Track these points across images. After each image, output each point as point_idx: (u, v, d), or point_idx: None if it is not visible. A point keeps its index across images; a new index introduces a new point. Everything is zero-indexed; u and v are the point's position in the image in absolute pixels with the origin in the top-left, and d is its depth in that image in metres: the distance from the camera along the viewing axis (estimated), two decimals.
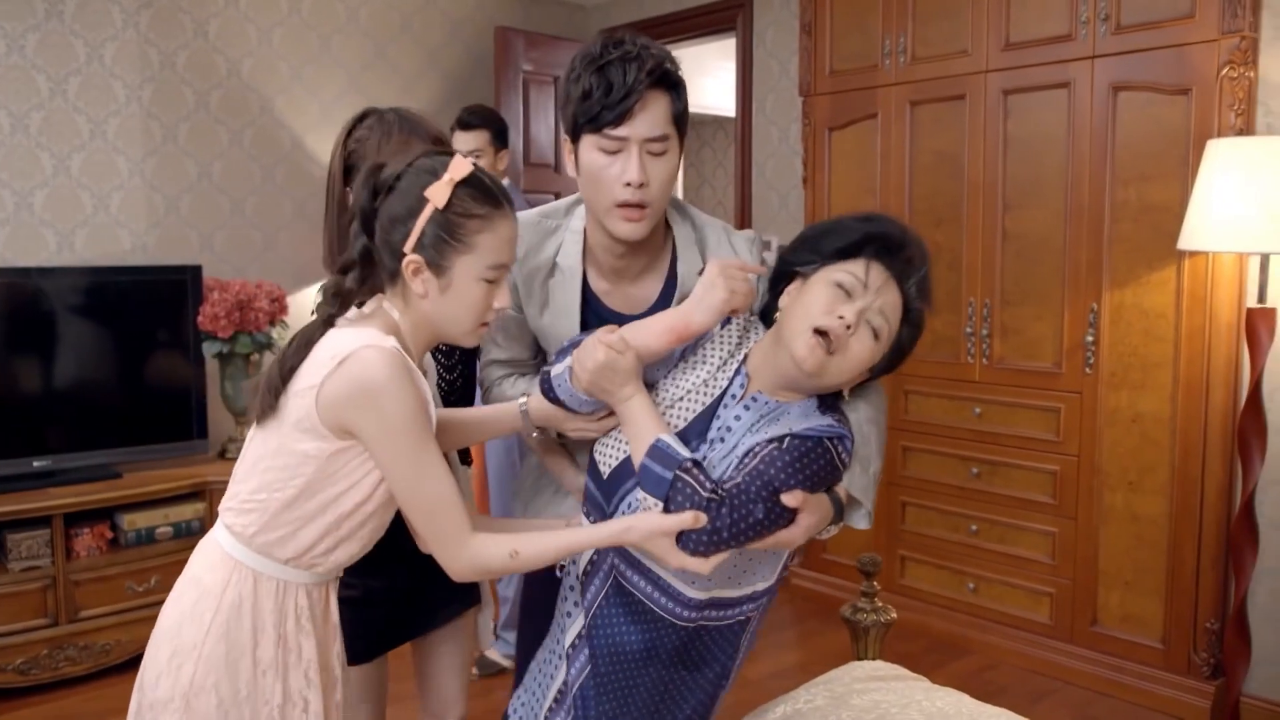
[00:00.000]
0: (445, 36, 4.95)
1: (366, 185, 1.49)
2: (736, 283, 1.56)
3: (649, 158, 1.63)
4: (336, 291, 1.50)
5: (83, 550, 3.51)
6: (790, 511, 1.45)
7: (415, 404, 1.42)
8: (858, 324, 1.48)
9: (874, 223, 1.58)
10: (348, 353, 1.41)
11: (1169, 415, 3.18)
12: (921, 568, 3.90)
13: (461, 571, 1.48)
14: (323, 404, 1.42)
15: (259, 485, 1.49)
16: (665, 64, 1.62)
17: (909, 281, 1.54)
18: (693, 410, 1.59)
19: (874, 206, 3.94)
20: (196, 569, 1.54)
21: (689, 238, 1.80)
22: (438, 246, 1.45)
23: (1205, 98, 3.04)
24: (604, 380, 1.53)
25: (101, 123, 3.95)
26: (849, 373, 1.51)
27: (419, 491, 1.44)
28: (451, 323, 1.51)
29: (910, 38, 3.77)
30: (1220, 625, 3.14)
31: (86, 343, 3.72)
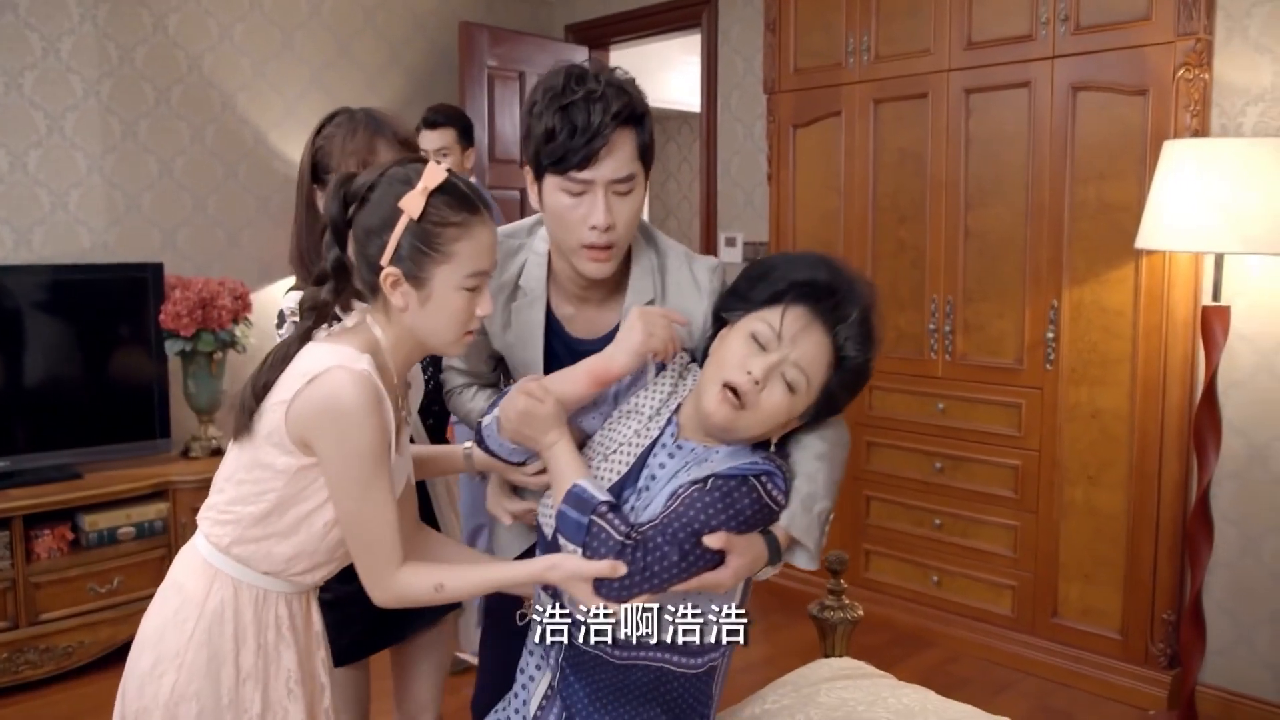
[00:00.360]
0: (409, 32, 4.92)
1: (337, 196, 1.46)
2: (655, 326, 1.55)
3: (615, 198, 1.60)
4: (313, 305, 1.47)
5: (43, 552, 3.46)
6: (715, 554, 1.42)
7: (375, 433, 1.41)
8: (767, 379, 1.46)
9: (803, 268, 1.54)
10: (319, 371, 1.40)
11: (1127, 411, 3.24)
12: (886, 561, 3.95)
13: (384, 601, 1.49)
14: (291, 420, 1.42)
15: (234, 498, 1.49)
16: (633, 103, 1.58)
17: (838, 328, 1.50)
18: (626, 462, 1.57)
19: (837, 204, 3.97)
20: (178, 575, 1.53)
21: (648, 265, 1.76)
22: (415, 258, 1.42)
23: (1162, 98, 3.09)
24: (526, 428, 1.53)
25: (59, 118, 3.89)
26: (761, 426, 1.49)
27: (360, 520, 1.44)
28: (434, 334, 1.49)
29: (873, 36, 3.80)
30: (1176, 616, 3.20)
31: (46, 342, 3.67)
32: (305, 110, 4.53)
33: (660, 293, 1.75)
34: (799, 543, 1.54)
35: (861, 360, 1.52)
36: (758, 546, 1.48)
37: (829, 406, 1.55)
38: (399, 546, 1.46)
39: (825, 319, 1.50)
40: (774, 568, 1.53)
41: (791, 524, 1.52)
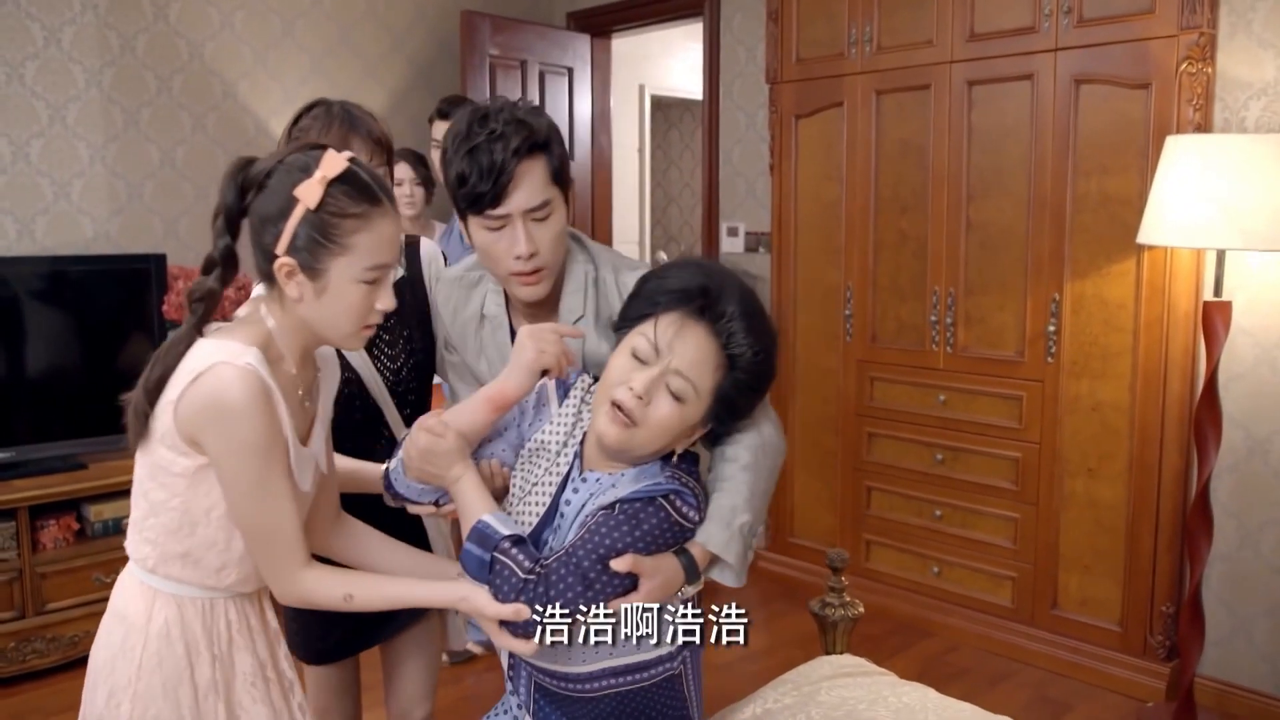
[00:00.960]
0: (410, 20, 4.90)
1: (233, 181, 1.43)
2: (545, 343, 1.54)
3: (534, 224, 1.64)
4: (201, 295, 1.43)
5: (49, 542, 3.48)
6: (625, 579, 1.40)
7: (264, 428, 1.37)
8: (651, 392, 1.43)
9: (674, 276, 1.52)
10: (205, 367, 1.36)
11: (1128, 404, 3.25)
12: (886, 552, 3.97)
13: (288, 601, 1.47)
14: (179, 419, 1.38)
15: (146, 511, 1.46)
16: (534, 134, 1.61)
17: (718, 325, 1.47)
18: (543, 503, 1.54)
19: (839, 195, 3.97)
20: (119, 605, 1.50)
21: (580, 281, 1.78)
22: (311, 249, 1.39)
23: (1165, 92, 3.08)
24: (430, 465, 1.50)
25: (61, 108, 3.89)
26: (657, 441, 1.46)
27: (254, 517, 1.41)
28: (330, 327, 1.45)
29: (876, 27, 3.79)
30: (1175, 609, 3.22)
31: (49, 333, 3.68)
32: (306, 98, 4.43)
33: (594, 306, 1.77)
34: (721, 559, 1.51)
35: (753, 354, 1.48)
36: (669, 567, 1.45)
37: (730, 409, 1.51)
38: (300, 545, 1.44)
39: (702, 320, 1.47)
40: (695, 586, 1.50)
41: (709, 540, 1.49)
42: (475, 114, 1.63)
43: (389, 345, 1.96)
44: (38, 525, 3.46)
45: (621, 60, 5.71)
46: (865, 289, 3.92)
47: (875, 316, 3.91)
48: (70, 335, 3.71)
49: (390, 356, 1.96)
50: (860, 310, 3.94)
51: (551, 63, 5.12)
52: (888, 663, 3.48)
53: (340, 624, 1.95)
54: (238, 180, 1.43)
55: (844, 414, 4.02)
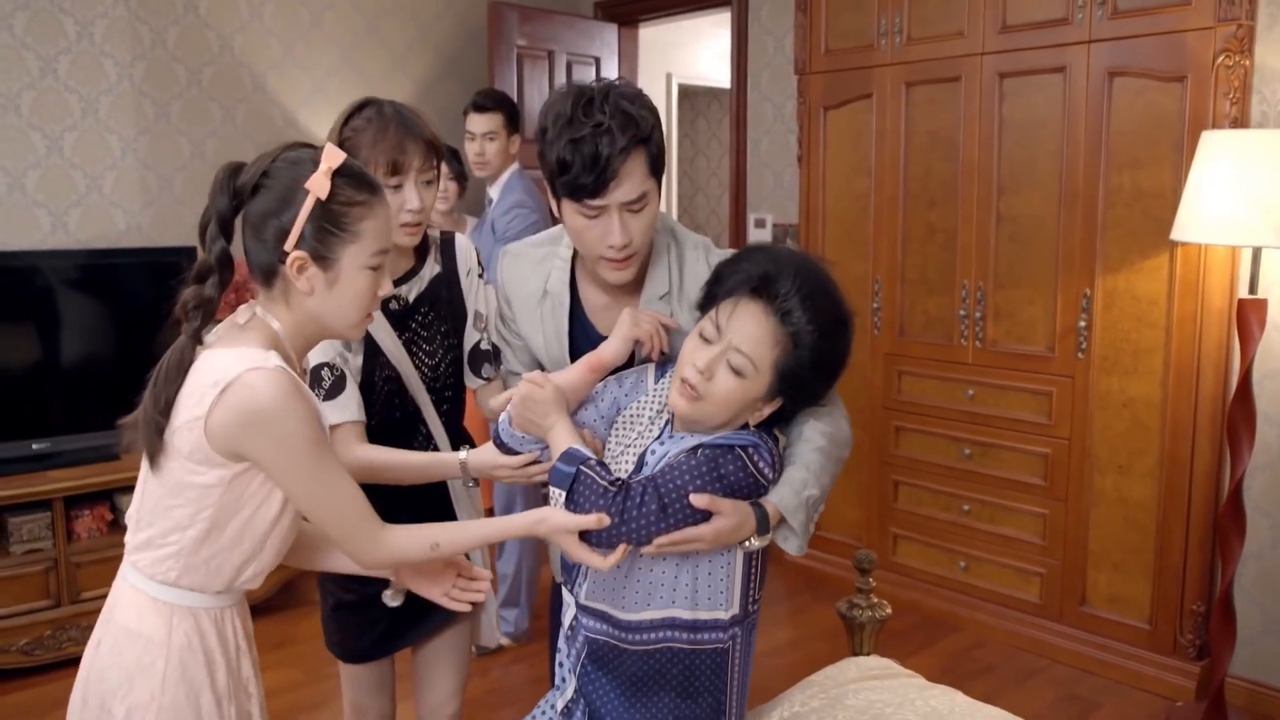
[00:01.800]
0: (438, 10, 4.90)
1: (225, 189, 1.43)
2: (641, 319, 1.71)
3: (629, 215, 1.67)
4: (198, 303, 1.42)
5: (83, 532, 3.54)
6: (699, 513, 1.50)
7: (307, 421, 1.39)
8: (712, 368, 1.54)
9: (738, 263, 1.63)
10: (231, 378, 1.35)
11: (1159, 400, 3.22)
12: (913, 546, 3.95)
13: (378, 564, 1.52)
14: (212, 434, 1.37)
15: (169, 527, 1.44)
16: (639, 128, 1.62)
17: (776, 304, 1.55)
18: (631, 461, 1.65)
19: (868, 187, 3.95)
20: (126, 620, 1.47)
21: (665, 258, 1.83)
22: (322, 239, 1.41)
23: (1200, 85, 3.04)
24: (529, 412, 1.62)
25: (93, 102, 3.92)
26: (723, 412, 1.57)
27: (324, 501, 1.43)
28: (339, 317, 1.48)
29: (906, 18, 3.75)
30: (1206, 607, 3.19)
31: (83, 325, 3.73)
32: (334, 89, 4.54)
33: (678, 285, 1.82)
34: (787, 524, 1.60)
35: (815, 330, 1.55)
36: (744, 513, 1.55)
37: (797, 387, 1.58)
38: (371, 509, 1.48)
39: (762, 300, 1.56)
40: (761, 540, 1.59)
41: (781, 503, 1.58)
42: (580, 97, 1.63)
43: (427, 342, 1.97)
44: (72, 515, 3.51)
45: (648, 49, 5.69)
46: (893, 282, 3.90)
47: (903, 310, 3.89)
48: (103, 327, 3.76)
49: (429, 353, 1.97)
50: (888, 303, 3.92)
51: (579, 52, 5.11)
52: (914, 658, 3.48)
53: (378, 624, 1.97)
54: (230, 186, 1.43)
55: (871, 407, 4.01)
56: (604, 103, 1.61)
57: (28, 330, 3.62)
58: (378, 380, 1.88)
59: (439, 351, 1.97)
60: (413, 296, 1.94)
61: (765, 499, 1.59)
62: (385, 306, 1.89)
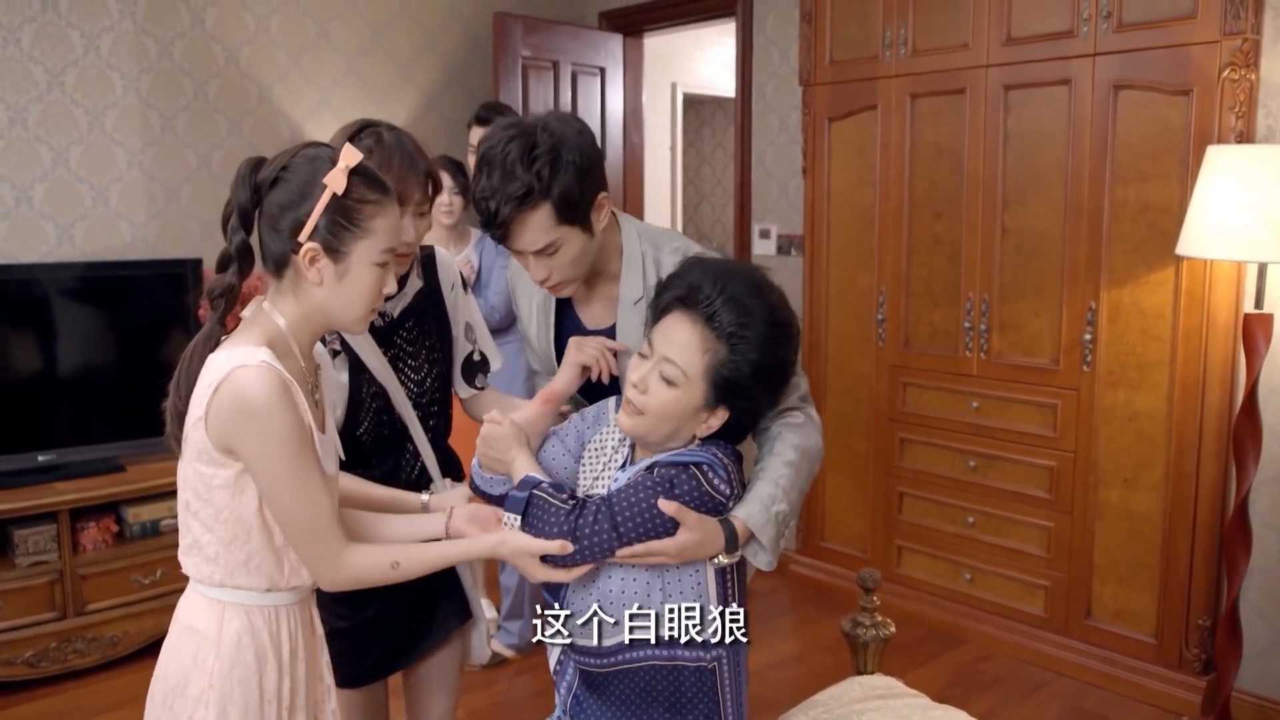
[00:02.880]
0: (443, 20, 4.91)
1: (247, 184, 1.49)
2: (588, 345, 1.80)
3: (545, 257, 1.74)
4: (221, 291, 1.50)
5: (89, 544, 3.54)
6: (653, 527, 1.52)
7: (290, 421, 1.43)
8: (645, 382, 1.58)
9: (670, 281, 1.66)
10: (222, 376, 1.42)
11: (1165, 414, 3.21)
12: (918, 558, 3.95)
13: (337, 585, 1.54)
14: (211, 431, 1.43)
15: (200, 531, 1.51)
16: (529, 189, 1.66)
17: (700, 310, 1.58)
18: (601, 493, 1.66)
19: (873, 198, 3.95)
20: (187, 619, 1.54)
21: (638, 261, 1.87)
22: (336, 233, 1.47)
23: (1206, 99, 3.03)
24: (490, 450, 1.67)
25: (99, 114, 3.93)
26: (667, 424, 1.60)
27: (293, 508, 1.47)
28: (345, 310, 1.53)
29: (911, 29, 3.76)
30: (1212, 622, 3.18)
31: (89, 337, 3.74)
32: (340, 100, 4.55)
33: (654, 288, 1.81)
34: (756, 539, 1.62)
35: (744, 333, 1.56)
36: (709, 528, 1.57)
37: (736, 392, 1.59)
38: (339, 528, 1.51)
39: (689, 308, 1.59)
40: (730, 556, 1.60)
41: (750, 518, 1.61)
42: (491, 149, 1.70)
43: (412, 357, 1.97)
44: (78, 527, 3.51)
45: (653, 58, 5.69)
46: (898, 293, 3.89)
47: (908, 321, 3.88)
48: (109, 339, 3.77)
49: (414, 368, 1.98)
50: (893, 315, 3.92)
51: (584, 63, 5.12)
52: (919, 671, 3.48)
53: (372, 648, 1.97)
54: (251, 179, 1.49)
55: (876, 418, 4.00)
56: (500, 162, 1.67)
57: (34, 342, 3.63)
58: (365, 396, 1.89)
59: (424, 367, 1.99)
60: (397, 312, 1.95)
61: (733, 515, 1.61)
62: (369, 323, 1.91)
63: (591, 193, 1.73)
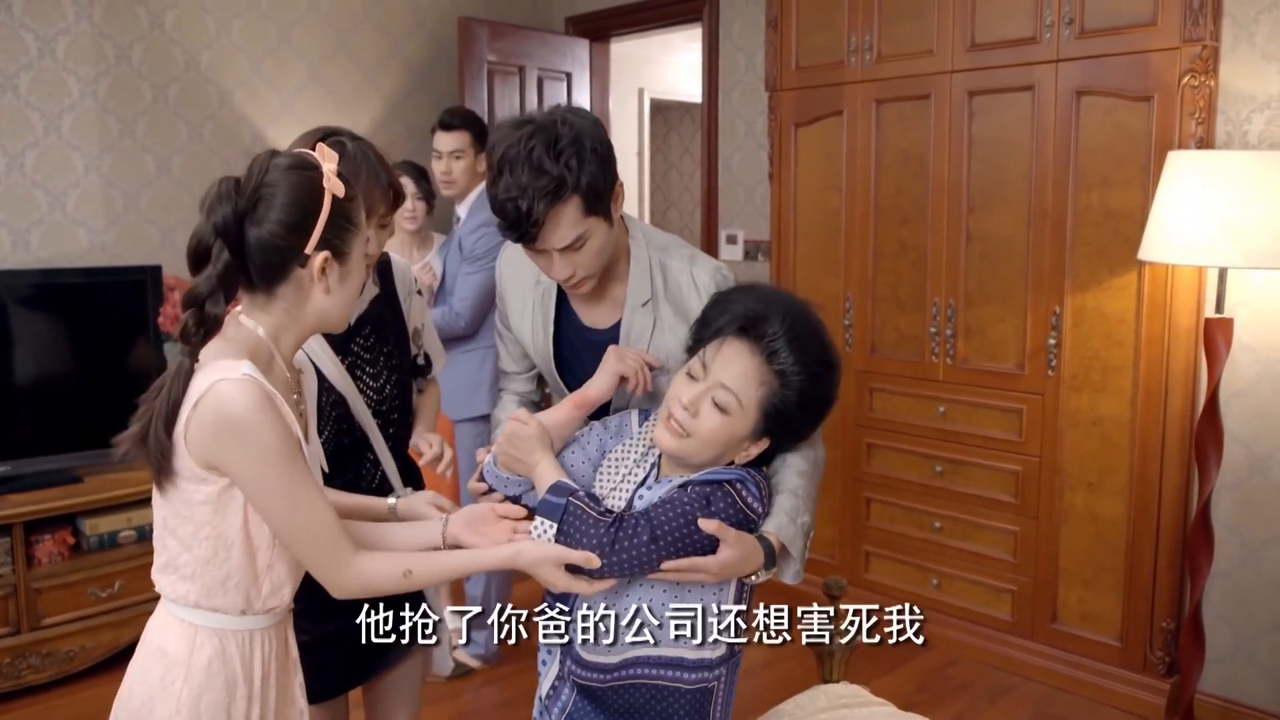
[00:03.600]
0: (408, 26, 4.88)
1: (228, 202, 1.39)
2: (627, 357, 1.76)
3: (570, 253, 1.71)
4: (200, 320, 1.38)
5: (44, 557, 3.47)
6: (692, 546, 1.50)
7: (277, 432, 1.39)
8: (698, 405, 1.57)
9: (728, 302, 1.67)
10: (203, 391, 1.37)
11: (1129, 419, 3.23)
12: (885, 563, 3.95)
13: (348, 591, 1.49)
14: (191, 447, 1.39)
15: (177, 549, 1.46)
16: (559, 183, 1.64)
17: (763, 344, 1.58)
18: (618, 503, 1.66)
19: (839, 204, 3.95)
20: (157, 640, 1.50)
21: (645, 263, 1.85)
22: (340, 235, 1.45)
23: (1167, 105, 3.06)
24: (513, 449, 1.64)
25: (55, 119, 3.86)
26: (709, 449, 1.59)
27: (292, 520, 1.43)
28: (342, 309, 1.51)
29: (876, 35, 3.76)
30: (1176, 625, 3.20)
31: (44, 345, 3.66)
32: (303, 106, 4.50)
33: (661, 291, 1.85)
34: (788, 552, 1.63)
35: (801, 371, 1.58)
36: (750, 545, 1.56)
37: (784, 426, 1.61)
38: (344, 534, 1.47)
39: (749, 339, 1.60)
40: (767, 573, 1.61)
41: (780, 531, 1.61)
42: (509, 150, 1.65)
43: (370, 364, 1.95)
44: (33, 540, 3.44)
45: (620, 63, 5.68)
46: (865, 299, 3.90)
47: (875, 327, 3.89)
48: (65, 348, 3.70)
49: (373, 375, 1.95)
50: (860, 320, 3.92)
51: (550, 68, 5.10)
52: (886, 678, 3.47)
53: (336, 662, 1.93)
54: (234, 199, 1.40)
55: (843, 424, 4.00)
56: (525, 160, 1.63)
57: None
58: (324, 404, 1.87)
59: (384, 373, 1.97)
60: (354, 319, 1.92)
61: (766, 530, 1.60)
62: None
63: (612, 181, 1.73)
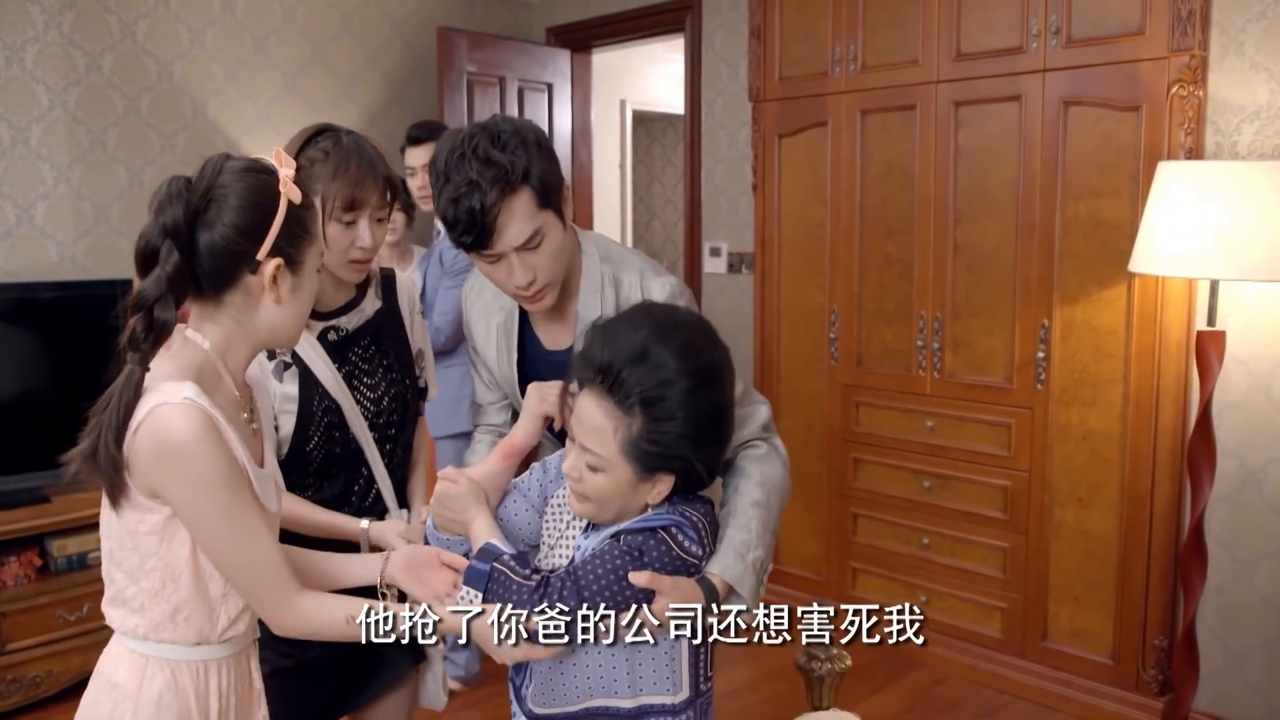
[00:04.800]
0: (386, 36, 4.81)
1: (179, 202, 1.33)
2: (547, 392, 1.65)
3: (527, 254, 1.64)
4: (149, 325, 1.30)
5: (10, 579, 3.36)
6: (624, 597, 1.41)
7: (219, 460, 1.32)
8: (578, 471, 1.48)
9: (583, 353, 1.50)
10: (141, 417, 1.30)
11: (1119, 432, 3.18)
12: (872, 579, 3.89)
13: (289, 630, 1.42)
14: (134, 474, 1.32)
15: (125, 582, 1.39)
16: (509, 172, 1.58)
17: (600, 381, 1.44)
18: (566, 555, 1.56)
19: (824, 216, 3.90)
20: (108, 671, 1.43)
21: (597, 281, 1.78)
22: (293, 243, 1.39)
23: (1155, 115, 3.02)
24: (446, 510, 1.55)
25: (24, 129, 3.77)
26: (615, 503, 1.48)
27: (231, 553, 1.36)
28: (294, 323, 1.45)
29: (860, 45, 3.72)
30: (1169, 642, 3.15)
31: (12, 360, 3.56)
32: (279, 117, 4.43)
33: (613, 307, 1.76)
34: (735, 593, 1.52)
35: (642, 396, 1.40)
36: (686, 589, 1.46)
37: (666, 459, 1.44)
38: (286, 571, 1.40)
39: (591, 384, 1.46)
40: (713, 616, 1.49)
41: (725, 571, 1.51)
42: (452, 153, 1.60)
43: (368, 375, 1.91)
44: None
45: (602, 74, 5.63)
46: (850, 312, 3.84)
47: (861, 340, 3.83)
48: (34, 363, 3.60)
49: (370, 386, 1.91)
50: (845, 333, 3.86)
51: (531, 79, 5.04)
52: (876, 697, 3.42)
53: (318, 690, 1.86)
54: (186, 199, 1.34)
55: (829, 439, 3.94)
56: (472, 155, 1.58)
57: None
58: (316, 410, 1.81)
59: (381, 385, 1.92)
60: (352, 327, 1.89)
61: (708, 570, 1.51)
62: (323, 337, 1.85)
63: (560, 179, 1.68)
